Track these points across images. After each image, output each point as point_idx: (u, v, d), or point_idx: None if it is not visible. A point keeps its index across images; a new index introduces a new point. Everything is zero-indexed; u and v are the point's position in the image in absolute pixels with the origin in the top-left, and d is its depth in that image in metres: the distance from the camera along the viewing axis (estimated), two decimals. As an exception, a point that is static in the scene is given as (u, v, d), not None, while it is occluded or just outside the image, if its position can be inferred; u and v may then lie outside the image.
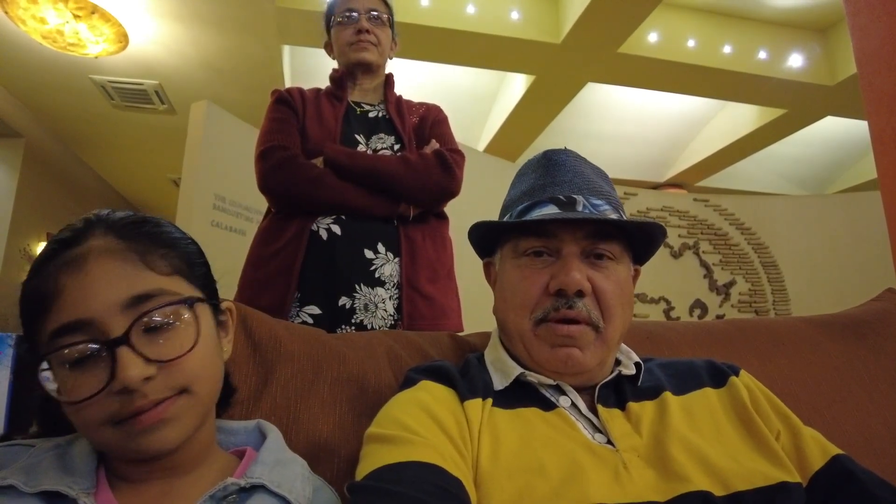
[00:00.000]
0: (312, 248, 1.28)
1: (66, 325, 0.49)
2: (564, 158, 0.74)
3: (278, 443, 0.61)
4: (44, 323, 0.50)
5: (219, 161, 3.28)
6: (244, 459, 0.59)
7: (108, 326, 0.49)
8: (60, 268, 0.51)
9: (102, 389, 0.48)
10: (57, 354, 0.49)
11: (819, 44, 5.02)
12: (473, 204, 2.00)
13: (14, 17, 3.34)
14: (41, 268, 0.53)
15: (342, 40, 1.45)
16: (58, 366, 0.49)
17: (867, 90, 1.72)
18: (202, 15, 3.70)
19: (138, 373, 0.49)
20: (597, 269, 0.67)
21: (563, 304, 0.65)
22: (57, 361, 0.49)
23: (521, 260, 0.70)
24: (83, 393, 0.48)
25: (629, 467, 0.59)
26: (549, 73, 4.73)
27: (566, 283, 0.65)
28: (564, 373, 0.67)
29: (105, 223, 0.55)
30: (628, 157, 6.89)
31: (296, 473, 0.58)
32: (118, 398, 0.49)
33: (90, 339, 0.49)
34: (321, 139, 1.35)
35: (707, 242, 5.05)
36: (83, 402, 0.48)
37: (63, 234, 0.54)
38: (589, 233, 0.67)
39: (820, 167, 7.38)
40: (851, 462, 0.63)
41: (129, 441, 0.49)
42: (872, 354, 1.05)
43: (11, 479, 0.48)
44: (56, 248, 0.53)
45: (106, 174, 6.66)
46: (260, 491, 0.54)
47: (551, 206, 0.68)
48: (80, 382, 0.49)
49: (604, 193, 0.71)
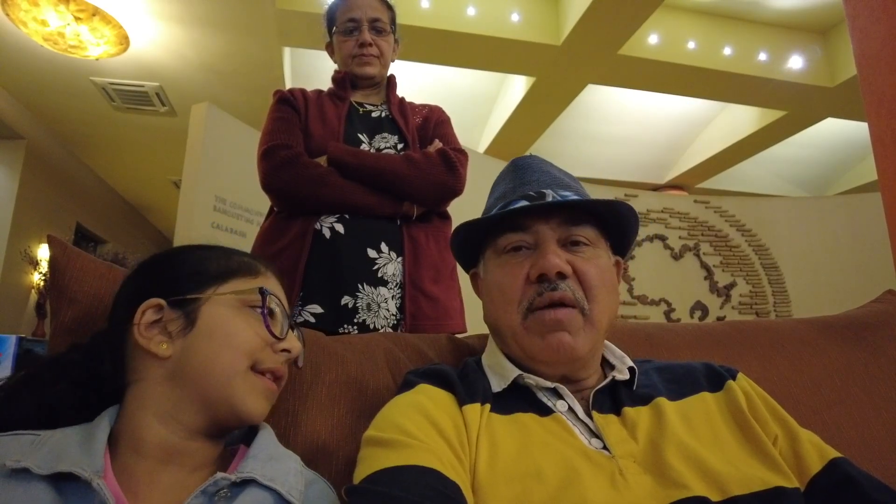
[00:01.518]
0: (315, 247, 1.28)
1: (270, 291, 0.65)
2: (530, 161, 0.78)
3: (270, 439, 0.63)
4: (244, 280, 0.65)
5: (219, 163, 3.29)
6: (237, 456, 0.61)
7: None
8: (264, 266, 0.70)
9: (277, 340, 0.63)
10: (261, 299, 0.64)
11: (819, 45, 5.02)
12: (475, 205, 2.00)
13: (15, 20, 3.35)
14: (240, 254, 0.69)
15: (345, 52, 1.46)
16: (248, 304, 0.63)
17: (867, 92, 1.72)
18: (203, 17, 3.71)
19: (298, 347, 0.67)
20: (576, 254, 0.69)
21: (546, 289, 0.67)
22: (253, 302, 0.63)
23: (502, 258, 0.72)
24: (263, 332, 0.62)
25: (625, 473, 0.59)
26: (550, 74, 4.74)
27: (545, 267, 0.66)
28: (557, 361, 0.67)
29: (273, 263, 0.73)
30: (629, 159, 6.90)
31: (288, 468, 0.59)
32: (275, 354, 0.63)
33: (284, 307, 0.67)
34: (324, 138, 1.35)
35: (708, 244, 5.05)
36: (260, 337, 0.62)
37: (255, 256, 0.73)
38: (562, 220, 0.70)
39: (820, 169, 7.38)
40: (849, 465, 0.63)
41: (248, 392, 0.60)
42: (872, 356, 1.05)
43: (25, 461, 0.50)
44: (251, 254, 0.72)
45: (107, 176, 6.67)
46: (251, 485, 0.55)
47: (522, 202, 0.71)
48: (262, 323, 0.63)
49: (572, 187, 0.74)
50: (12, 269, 5.00)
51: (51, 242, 0.75)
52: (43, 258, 5.32)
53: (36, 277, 5.34)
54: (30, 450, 0.52)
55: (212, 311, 0.61)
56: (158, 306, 0.60)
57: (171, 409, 0.58)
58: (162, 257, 0.68)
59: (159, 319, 0.60)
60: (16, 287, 5.12)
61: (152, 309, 0.60)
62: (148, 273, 0.66)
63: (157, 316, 0.60)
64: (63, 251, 0.74)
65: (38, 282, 5.34)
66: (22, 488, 0.49)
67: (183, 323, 0.60)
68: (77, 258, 0.74)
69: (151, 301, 0.60)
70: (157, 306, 0.60)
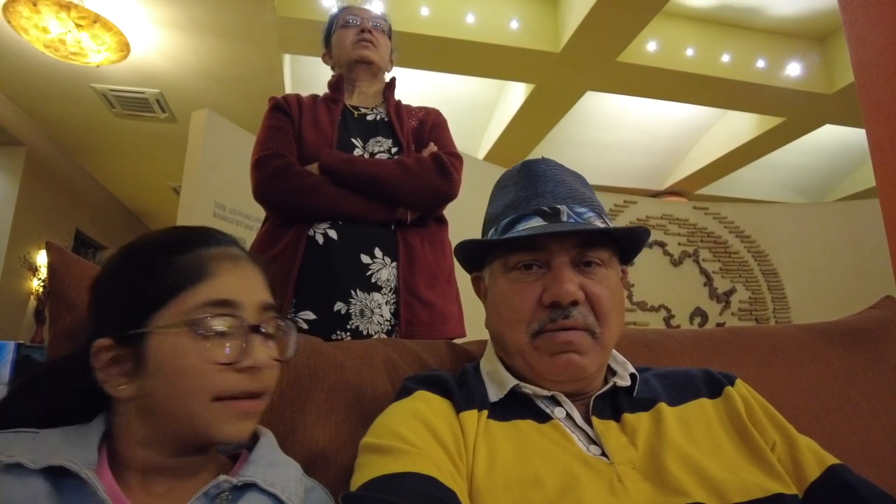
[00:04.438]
0: (308, 254, 1.28)
1: (218, 301, 0.57)
2: (544, 168, 0.74)
3: (271, 445, 0.63)
4: (189, 293, 0.57)
5: (219, 169, 3.29)
6: (239, 460, 0.61)
7: (247, 314, 0.58)
8: (220, 258, 0.60)
9: (233, 363, 0.56)
10: (206, 320, 0.56)
11: (817, 52, 5.04)
12: (474, 211, 2.00)
13: (16, 27, 3.36)
14: (196, 250, 0.60)
15: (345, 41, 1.47)
16: (194, 330, 0.55)
17: (865, 98, 1.73)
18: (203, 24, 3.73)
19: (267, 357, 0.58)
20: (588, 276, 0.68)
21: (559, 316, 0.66)
22: (199, 327, 0.56)
23: (512, 274, 0.70)
24: (218, 357, 0.55)
25: (624, 480, 0.59)
26: (549, 81, 4.75)
27: (560, 295, 0.65)
28: (566, 380, 0.67)
29: (241, 247, 0.66)
30: (628, 166, 6.91)
31: (289, 474, 0.60)
32: (236, 375, 0.56)
33: (238, 317, 0.58)
34: (317, 144, 1.34)
35: (707, 250, 5.05)
36: (217, 364, 0.55)
37: (212, 232, 0.64)
38: (577, 242, 0.68)
39: (819, 175, 7.40)
40: (848, 472, 0.62)
41: (220, 421, 0.55)
42: (871, 362, 1.05)
43: (18, 456, 0.50)
44: (212, 240, 0.62)
45: (107, 182, 6.67)
46: (252, 489, 0.56)
47: (536, 218, 0.69)
48: (209, 348, 0.55)
49: (586, 200, 0.71)
50: (11, 275, 4.99)
51: (49, 249, 0.75)
52: (42, 264, 5.31)
53: (35, 283, 5.33)
54: (28, 446, 0.52)
55: (157, 345, 0.55)
56: (108, 346, 0.56)
57: (150, 437, 0.56)
58: (106, 277, 0.62)
59: (114, 357, 0.56)
60: (15, 293, 5.11)
61: (104, 349, 0.56)
62: (97, 300, 0.61)
63: (111, 354, 0.56)
64: (62, 257, 0.74)
65: (37, 288, 5.34)
66: (20, 482, 0.49)
67: (132, 364, 0.55)
68: (76, 265, 0.74)
69: (100, 342, 0.56)
70: (107, 346, 0.56)
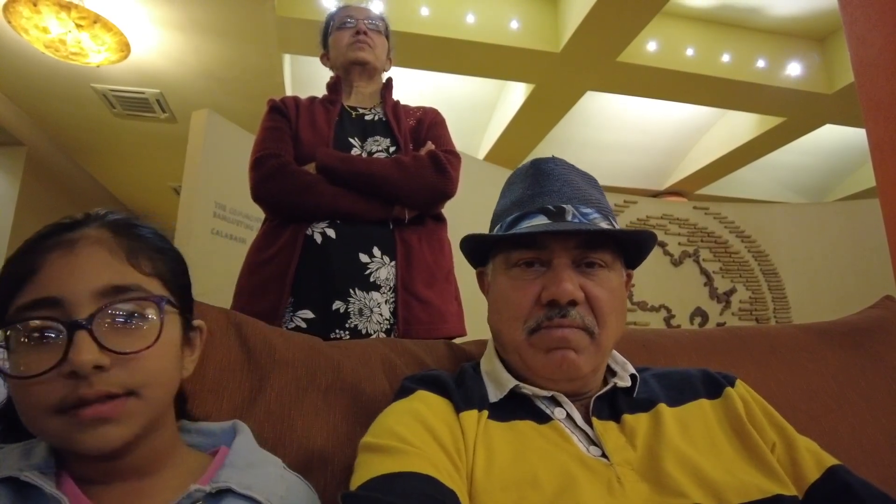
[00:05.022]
0: (307, 253, 1.28)
1: (36, 301, 0.49)
2: (553, 167, 0.73)
3: (249, 444, 0.61)
4: (17, 298, 0.50)
5: (219, 169, 3.28)
6: (214, 460, 0.59)
7: (76, 309, 0.50)
8: (50, 248, 0.52)
9: (52, 368, 0.47)
10: (16, 327, 0.49)
11: (817, 52, 5.04)
12: (474, 211, 2.00)
13: (16, 27, 3.36)
14: (30, 246, 0.54)
15: (341, 42, 1.48)
16: (16, 341, 0.49)
17: (865, 98, 1.73)
18: (203, 24, 3.73)
19: (91, 358, 0.48)
20: (589, 278, 0.67)
21: (556, 314, 0.65)
22: (16, 336, 0.49)
23: (513, 271, 0.70)
24: (33, 370, 0.48)
25: (623, 481, 0.59)
26: (549, 81, 4.75)
27: (558, 294, 0.65)
28: (560, 378, 0.67)
29: (102, 218, 0.57)
30: (628, 166, 6.91)
31: (268, 473, 0.58)
32: (66, 382, 0.48)
33: (54, 318, 0.49)
34: (314, 144, 1.35)
35: (707, 250, 5.05)
36: (31, 378, 0.47)
37: (61, 221, 0.57)
38: (580, 242, 0.67)
39: (819, 175, 7.39)
40: (847, 473, 0.62)
41: (72, 433, 0.49)
42: (870, 362, 1.05)
43: None
44: (50, 231, 0.55)
45: (107, 182, 6.67)
46: (228, 495, 0.53)
47: (541, 216, 0.68)
48: (32, 359, 0.48)
49: (593, 201, 0.70)
50: (12, 275, 4.99)
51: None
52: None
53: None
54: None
55: (2, 362, 0.50)
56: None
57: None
58: None
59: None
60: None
61: None
62: None
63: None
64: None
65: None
66: None
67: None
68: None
69: None
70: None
